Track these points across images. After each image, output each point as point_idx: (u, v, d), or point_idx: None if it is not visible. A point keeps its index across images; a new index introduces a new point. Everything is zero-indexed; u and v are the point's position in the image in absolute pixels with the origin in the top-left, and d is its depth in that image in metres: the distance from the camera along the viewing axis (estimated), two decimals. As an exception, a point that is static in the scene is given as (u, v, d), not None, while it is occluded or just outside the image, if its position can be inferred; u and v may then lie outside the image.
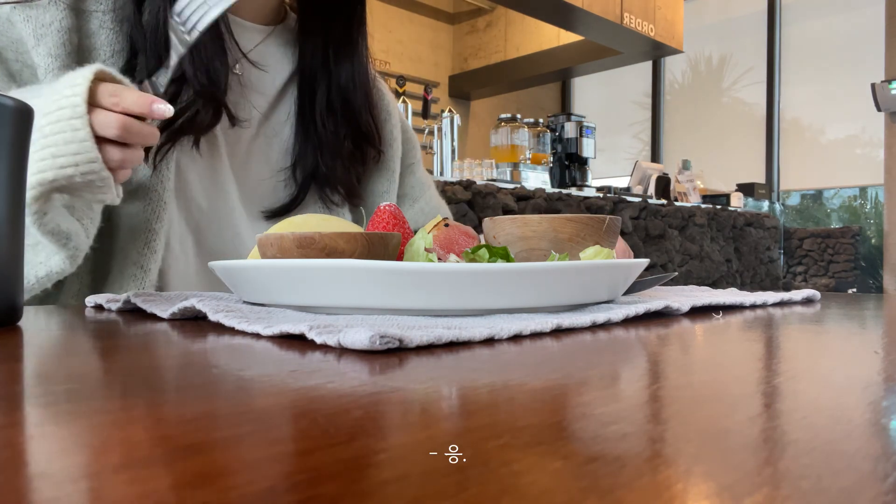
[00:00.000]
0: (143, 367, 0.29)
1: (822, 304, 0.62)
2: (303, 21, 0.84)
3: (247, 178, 0.80)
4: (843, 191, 4.89)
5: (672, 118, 5.53)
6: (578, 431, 0.19)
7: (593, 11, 3.85)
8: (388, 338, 0.31)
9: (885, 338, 0.41)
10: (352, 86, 0.82)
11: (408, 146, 0.95)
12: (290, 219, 0.53)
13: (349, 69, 0.82)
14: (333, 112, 0.82)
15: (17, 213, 0.40)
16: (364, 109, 0.83)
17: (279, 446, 0.17)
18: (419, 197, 0.95)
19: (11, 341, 0.36)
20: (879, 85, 3.92)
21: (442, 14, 5.31)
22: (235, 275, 0.47)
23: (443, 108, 3.64)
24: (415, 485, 0.14)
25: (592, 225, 0.54)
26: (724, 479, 0.15)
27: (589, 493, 0.14)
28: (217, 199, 0.77)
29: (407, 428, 0.19)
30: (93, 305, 0.55)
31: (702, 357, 0.34)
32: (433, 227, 0.52)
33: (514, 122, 3.62)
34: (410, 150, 0.95)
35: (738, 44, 5.16)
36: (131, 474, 0.15)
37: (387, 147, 0.90)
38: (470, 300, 0.41)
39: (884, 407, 0.22)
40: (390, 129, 0.91)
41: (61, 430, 0.19)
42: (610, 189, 3.61)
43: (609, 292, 0.49)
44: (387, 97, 0.93)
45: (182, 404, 0.22)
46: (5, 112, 0.39)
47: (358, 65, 0.83)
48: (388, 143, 0.90)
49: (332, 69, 0.82)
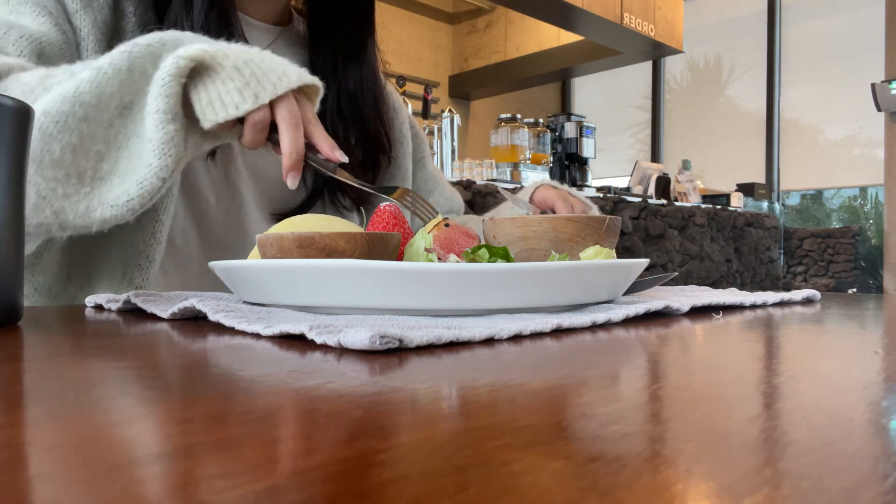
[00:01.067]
0: (144, 367, 0.29)
1: (822, 304, 0.62)
2: (312, 27, 0.84)
3: (259, 176, 0.81)
4: (843, 191, 4.89)
5: (672, 118, 5.53)
6: (578, 431, 0.19)
7: (593, 11, 3.84)
8: (388, 338, 0.31)
9: (885, 338, 0.41)
10: (360, 91, 0.83)
11: (417, 141, 0.96)
12: (290, 219, 0.53)
13: (358, 75, 0.82)
14: (343, 118, 0.82)
15: (17, 214, 0.40)
16: (373, 114, 0.84)
17: (279, 446, 0.17)
18: (432, 190, 0.96)
19: (11, 341, 0.36)
20: (879, 85, 3.92)
21: (442, 14, 5.31)
22: (235, 275, 0.47)
23: (443, 108, 3.64)
24: (415, 485, 0.14)
25: (593, 225, 0.54)
26: (724, 479, 0.15)
27: (589, 493, 0.14)
28: (225, 193, 0.77)
29: (407, 428, 0.19)
30: (93, 305, 0.55)
31: (702, 357, 0.34)
32: (433, 227, 0.52)
33: (514, 122, 3.62)
34: (420, 146, 0.96)
35: (738, 44, 5.16)
36: (131, 474, 0.15)
37: (397, 147, 0.90)
38: (470, 300, 0.41)
39: (884, 407, 0.22)
40: (399, 127, 0.91)
41: (61, 430, 0.19)
42: (610, 189, 3.60)
43: (609, 292, 0.49)
44: (393, 95, 0.93)
45: (182, 404, 0.22)
46: (5, 112, 0.39)
47: (367, 70, 0.83)
48: (399, 143, 0.90)
49: (340, 75, 0.82)
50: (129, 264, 0.68)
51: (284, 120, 0.55)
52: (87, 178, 0.54)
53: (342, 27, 0.83)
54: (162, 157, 0.53)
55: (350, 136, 0.82)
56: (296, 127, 0.55)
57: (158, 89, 0.52)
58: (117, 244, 0.68)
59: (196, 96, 0.54)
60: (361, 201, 0.85)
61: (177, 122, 0.53)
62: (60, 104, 0.53)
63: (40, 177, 0.53)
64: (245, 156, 0.79)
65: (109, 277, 0.69)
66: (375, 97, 0.84)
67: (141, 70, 0.54)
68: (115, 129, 0.55)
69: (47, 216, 0.54)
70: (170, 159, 0.53)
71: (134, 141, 0.55)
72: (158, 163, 0.53)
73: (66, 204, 0.53)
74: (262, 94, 0.54)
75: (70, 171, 0.53)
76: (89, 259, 0.69)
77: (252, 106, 0.53)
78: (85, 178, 0.54)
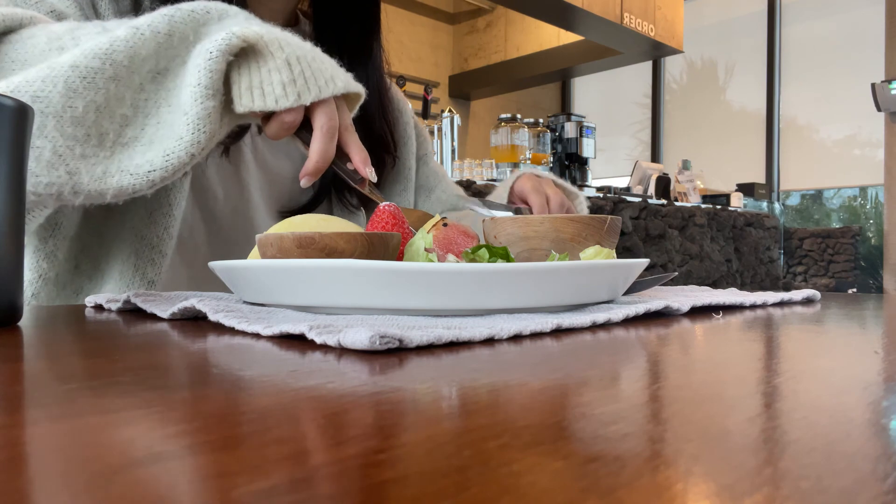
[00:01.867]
0: (143, 367, 0.28)
1: (822, 304, 0.62)
2: (318, 29, 0.84)
3: (268, 172, 0.81)
4: (842, 191, 4.89)
5: (672, 118, 5.53)
6: (578, 431, 0.19)
7: (593, 11, 3.84)
8: (388, 338, 0.31)
9: (885, 338, 0.41)
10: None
11: (420, 139, 0.96)
12: (289, 219, 0.53)
13: (364, 76, 0.82)
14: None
15: (17, 213, 0.40)
16: (378, 115, 0.84)
17: (279, 446, 0.17)
18: (434, 186, 0.96)
19: (11, 341, 0.36)
20: (879, 85, 3.92)
21: (442, 14, 5.31)
22: (235, 275, 0.47)
23: (443, 108, 3.63)
24: (415, 485, 0.14)
25: (594, 225, 0.54)
26: (724, 479, 0.15)
27: (589, 493, 0.14)
28: (234, 188, 0.77)
29: (407, 428, 0.19)
30: (93, 305, 0.55)
31: (702, 357, 0.34)
32: (432, 226, 0.52)
33: (514, 122, 3.62)
34: (423, 143, 0.97)
35: (738, 44, 5.16)
36: (131, 474, 0.15)
37: (401, 147, 0.90)
38: (470, 300, 0.41)
39: (884, 407, 0.22)
40: (403, 127, 0.91)
41: (61, 429, 0.19)
42: (610, 189, 3.60)
43: (609, 292, 0.49)
44: (397, 95, 0.93)
45: (182, 404, 0.22)
46: (5, 112, 0.39)
47: (372, 71, 0.83)
48: (403, 143, 0.91)
49: None
50: (142, 258, 0.68)
51: (322, 127, 0.54)
52: (108, 141, 0.52)
53: (348, 29, 0.83)
54: (195, 133, 0.51)
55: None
56: (331, 137, 0.54)
57: (204, 62, 0.50)
58: (129, 235, 0.68)
59: (237, 77, 0.52)
60: (369, 202, 0.85)
61: (216, 98, 0.51)
62: (90, 59, 0.50)
63: (58, 132, 0.50)
64: (255, 152, 0.79)
65: (121, 270, 0.68)
66: (381, 98, 0.84)
67: (181, 36, 0.53)
68: (146, 95, 0.53)
69: (60, 175, 0.50)
70: (203, 136, 0.51)
71: (165, 110, 0.53)
72: (191, 138, 0.51)
73: (81, 165, 0.51)
74: (305, 96, 0.52)
75: (91, 132, 0.51)
76: (100, 249, 0.69)
77: (292, 104, 0.52)
78: (106, 140, 0.52)
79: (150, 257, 0.68)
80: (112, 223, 0.68)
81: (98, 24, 0.54)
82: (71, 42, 0.53)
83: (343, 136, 0.56)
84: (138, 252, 0.68)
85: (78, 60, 0.50)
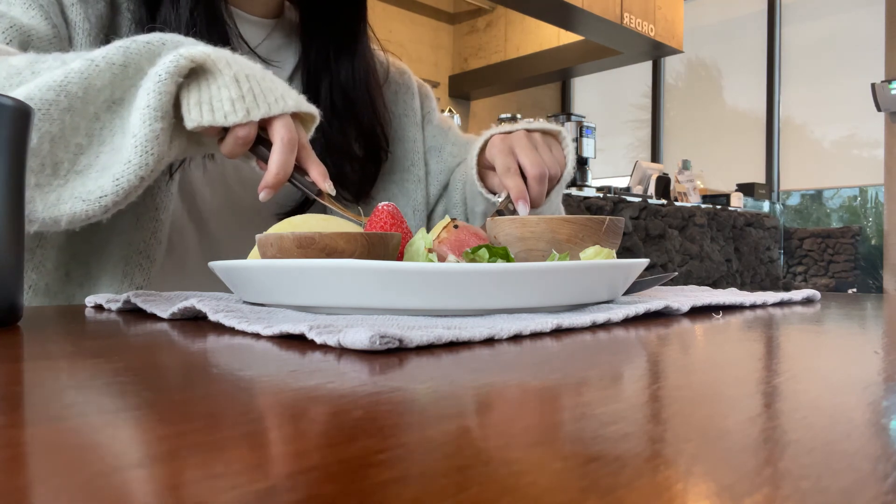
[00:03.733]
0: (143, 368, 0.28)
1: (822, 304, 0.62)
2: (304, 19, 0.84)
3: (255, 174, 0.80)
4: (842, 191, 4.89)
5: (672, 118, 5.53)
6: (578, 431, 0.19)
7: (593, 11, 3.85)
8: (388, 338, 0.31)
9: (885, 338, 0.41)
10: (353, 83, 0.82)
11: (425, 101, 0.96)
12: (289, 219, 0.53)
13: (349, 67, 0.82)
14: (337, 111, 0.82)
15: (17, 213, 0.40)
16: (366, 108, 0.83)
17: (279, 446, 0.17)
18: (443, 145, 0.94)
19: (11, 341, 0.36)
20: (879, 85, 3.92)
21: (442, 14, 5.31)
22: (235, 275, 0.47)
23: (443, 108, 3.64)
24: (415, 485, 0.14)
25: (591, 226, 0.54)
26: (724, 479, 0.15)
27: (589, 493, 0.14)
28: (221, 190, 0.77)
29: (407, 428, 0.19)
30: (93, 305, 0.55)
31: (702, 357, 0.34)
32: (442, 228, 0.52)
33: (514, 122, 3.61)
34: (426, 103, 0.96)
35: (737, 44, 5.16)
36: (131, 474, 0.15)
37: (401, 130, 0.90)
38: (470, 300, 0.41)
39: (884, 407, 0.22)
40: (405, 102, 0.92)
41: (61, 430, 0.19)
42: (610, 189, 3.60)
43: (609, 292, 0.49)
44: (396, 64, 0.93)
45: (182, 404, 0.22)
46: (5, 112, 0.39)
47: (359, 62, 0.83)
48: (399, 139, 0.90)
49: (332, 67, 0.82)
50: (130, 263, 0.68)
51: (282, 139, 0.54)
52: (62, 170, 0.52)
53: (335, 18, 0.83)
54: (143, 155, 0.51)
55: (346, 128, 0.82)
56: (291, 149, 0.55)
57: (153, 85, 0.51)
58: (117, 241, 0.68)
59: (186, 95, 0.53)
60: (363, 196, 0.84)
61: (165, 120, 0.52)
62: (45, 92, 0.51)
63: None
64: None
65: (111, 276, 0.68)
66: (369, 90, 0.84)
67: (136, 67, 0.53)
68: (101, 123, 0.53)
69: None
70: (151, 158, 0.51)
71: (119, 136, 0.53)
72: (139, 160, 0.51)
73: (36, 194, 0.51)
74: (254, 111, 0.53)
75: (46, 161, 0.51)
76: (90, 256, 0.69)
77: (241, 120, 0.53)
78: (60, 169, 0.52)
79: (138, 262, 0.68)
80: (101, 230, 0.68)
81: (58, 57, 0.55)
82: (30, 75, 0.54)
83: (300, 153, 0.57)
84: (127, 258, 0.68)
85: (33, 93, 0.51)
